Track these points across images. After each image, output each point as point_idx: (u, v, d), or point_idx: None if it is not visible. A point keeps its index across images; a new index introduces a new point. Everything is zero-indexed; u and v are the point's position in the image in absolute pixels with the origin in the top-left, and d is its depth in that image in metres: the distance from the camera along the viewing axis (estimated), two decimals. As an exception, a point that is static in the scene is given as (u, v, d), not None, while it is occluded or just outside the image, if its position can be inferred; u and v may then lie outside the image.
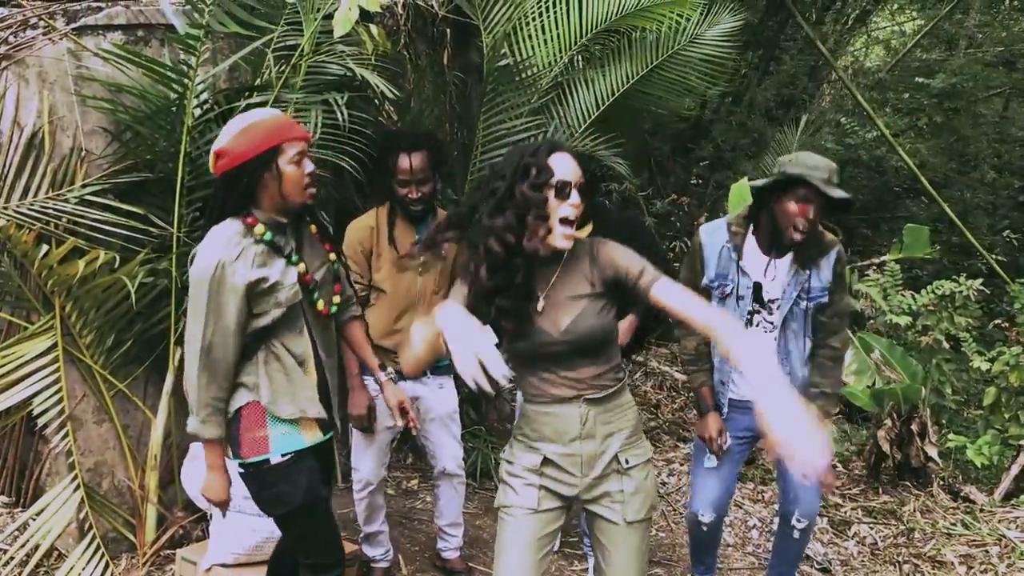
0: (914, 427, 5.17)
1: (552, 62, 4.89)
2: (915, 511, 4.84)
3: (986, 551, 4.34)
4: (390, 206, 3.49)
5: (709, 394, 3.25)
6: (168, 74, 3.51)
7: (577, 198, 2.28)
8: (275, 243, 2.56)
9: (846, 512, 4.85)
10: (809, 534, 3.42)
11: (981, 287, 6.32)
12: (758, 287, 3.15)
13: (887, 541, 4.52)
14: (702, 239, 3.22)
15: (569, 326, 2.33)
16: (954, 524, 4.66)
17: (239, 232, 2.51)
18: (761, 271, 3.14)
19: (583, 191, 2.31)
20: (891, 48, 12.05)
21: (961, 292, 6.22)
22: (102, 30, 3.58)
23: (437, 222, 2.95)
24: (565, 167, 2.29)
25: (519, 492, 2.42)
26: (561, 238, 2.29)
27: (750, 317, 3.17)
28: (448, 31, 4.89)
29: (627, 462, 2.42)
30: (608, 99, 5.03)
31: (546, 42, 4.86)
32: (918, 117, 10.82)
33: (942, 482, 5.23)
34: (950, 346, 6.24)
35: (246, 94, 3.74)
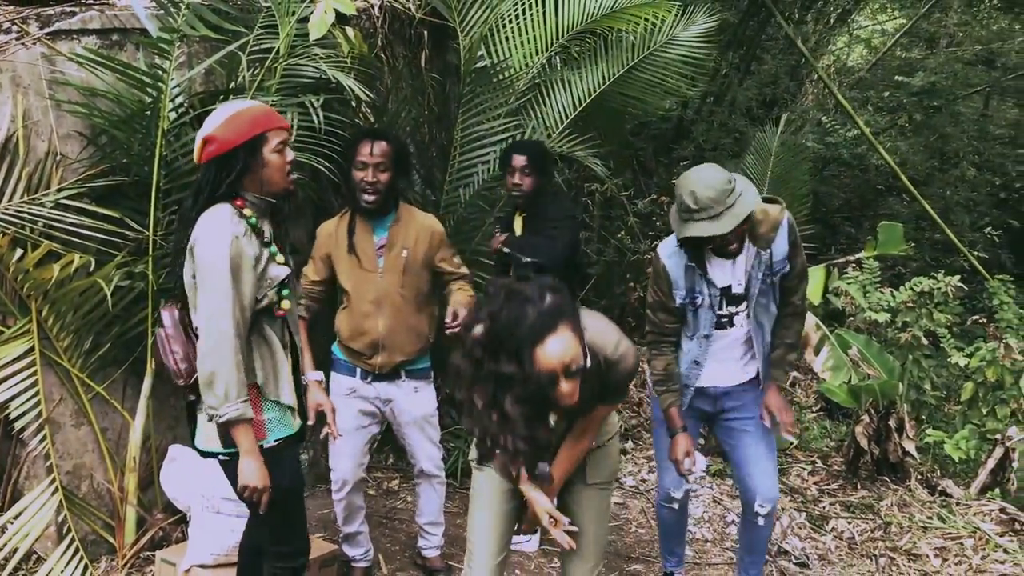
0: (892, 423, 5.21)
1: (529, 63, 4.93)
2: (892, 505, 4.88)
3: (961, 544, 4.39)
4: (351, 209, 3.49)
5: (677, 415, 3.31)
6: (143, 78, 3.53)
7: (567, 385, 2.15)
8: (259, 227, 2.62)
9: (824, 507, 4.89)
10: (772, 520, 3.49)
11: (960, 283, 6.38)
12: (727, 291, 3.22)
13: (864, 535, 4.56)
14: (664, 263, 3.23)
15: (568, 413, 2.43)
16: (930, 518, 4.70)
17: (233, 213, 2.56)
18: (727, 273, 3.21)
19: (579, 371, 2.17)
20: (872, 47, 12.12)
21: (940, 289, 6.28)
22: (76, 34, 3.59)
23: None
24: (554, 355, 2.11)
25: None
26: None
27: (728, 320, 3.26)
28: (425, 33, 4.91)
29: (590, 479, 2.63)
30: (586, 100, 5.06)
31: (523, 43, 4.90)
32: (899, 115, 10.90)
33: (920, 477, 5.28)
34: (929, 342, 6.30)
35: (221, 97, 3.76)
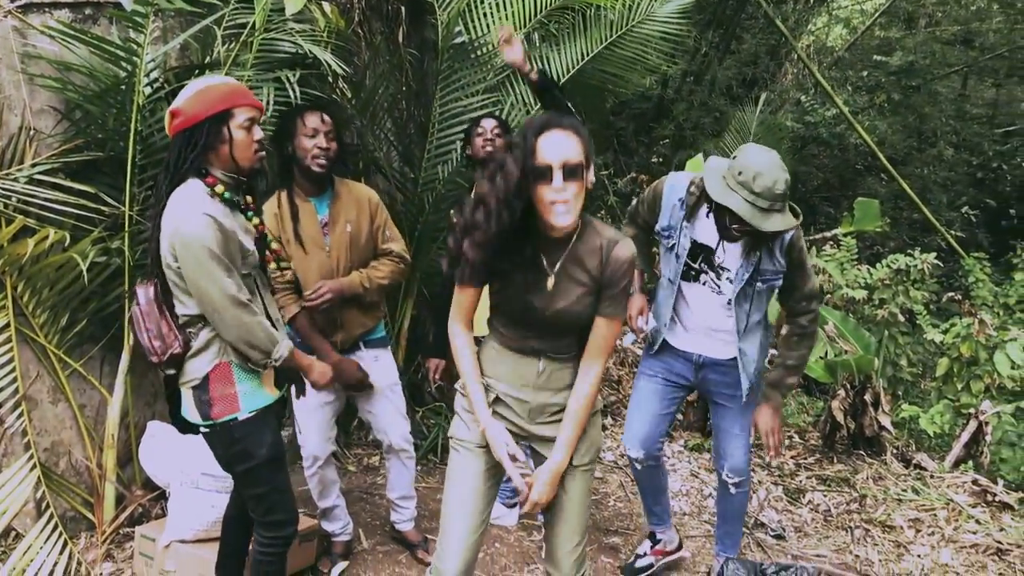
0: (867, 397, 5.28)
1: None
2: (868, 479, 4.95)
3: (934, 515, 4.46)
4: (288, 191, 3.41)
5: (640, 278, 3.40)
6: (117, 52, 3.49)
7: (560, 181, 2.21)
8: (234, 200, 2.64)
9: (800, 481, 4.95)
10: (745, 492, 3.53)
11: (936, 261, 6.45)
12: (705, 249, 3.19)
13: (840, 508, 4.63)
14: (664, 189, 3.26)
15: (561, 308, 2.40)
16: (905, 490, 4.77)
17: (205, 191, 2.57)
18: (712, 241, 3.18)
19: (576, 170, 2.23)
20: (851, 27, 12.16)
21: (916, 266, 6.34)
22: (48, 8, 3.55)
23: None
24: (553, 148, 2.23)
25: (470, 427, 2.56)
26: (555, 218, 2.25)
27: (696, 275, 3.23)
28: (402, 8, 4.89)
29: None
30: (564, 76, 5.07)
31: (501, 19, 4.89)
32: (877, 95, 10.96)
33: (895, 451, 5.35)
34: (906, 319, 6.37)
35: (196, 72, 3.73)
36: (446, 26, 4.65)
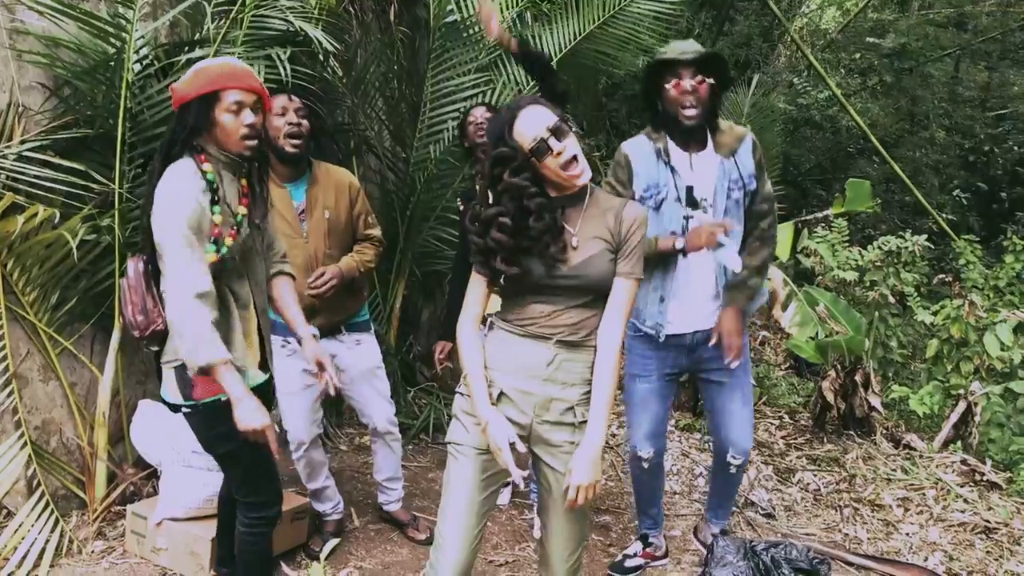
0: (858, 378, 5.31)
1: (500, 18, 4.88)
2: (857, 459, 4.98)
3: (923, 494, 4.50)
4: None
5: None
6: (106, 28, 3.47)
7: (559, 144, 2.27)
8: (214, 185, 2.58)
9: (791, 460, 4.97)
10: (743, 470, 3.57)
11: (927, 243, 6.46)
12: (689, 189, 3.17)
13: (829, 487, 4.66)
14: (626, 152, 3.24)
15: (581, 264, 2.35)
16: (894, 470, 4.80)
17: (193, 169, 2.56)
18: (687, 169, 3.18)
19: (563, 128, 2.29)
20: (844, 9, 12.13)
21: (907, 248, 6.35)
22: (36, -17, 3.52)
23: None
24: (531, 124, 2.28)
25: (468, 431, 2.43)
26: (578, 179, 2.32)
27: (686, 222, 3.17)
28: (394, -14, 4.87)
29: (582, 415, 2.39)
30: (557, 56, 5.05)
31: (493, -2, 4.86)
32: (870, 77, 10.95)
33: (885, 431, 5.39)
34: (896, 301, 6.39)
35: (186, 49, 3.71)
36: (438, 4, 4.63)
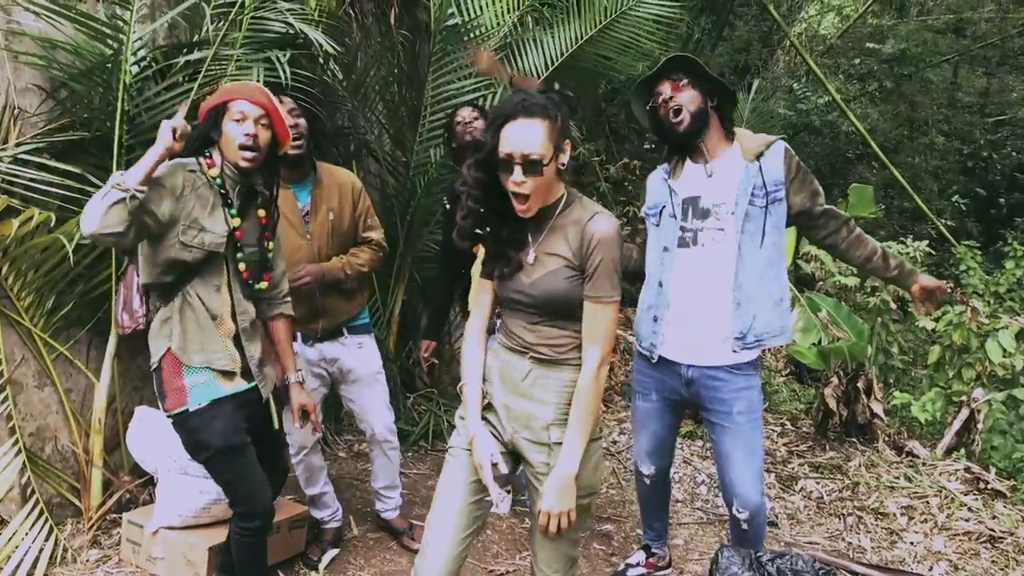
0: (860, 385, 5.27)
1: (500, 22, 4.86)
2: (860, 466, 4.94)
3: (926, 502, 4.45)
4: None
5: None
6: (103, 29, 3.43)
7: (520, 175, 2.18)
8: (223, 189, 2.69)
9: (793, 468, 4.93)
10: (760, 525, 3.11)
11: (928, 249, 6.44)
12: (694, 201, 3.04)
13: (832, 495, 4.61)
14: (648, 179, 3.25)
15: (537, 280, 2.31)
16: (897, 478, 4.76)
17: (196, 165, 2.68)
18: (703, 178, 3.05)
19: (536, 165, 2.18)
20: (843, 15, 12.13)
21: (909, 254, 6.33)
22: (33, -17, 3.47)
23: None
24: (513, 140, 2.19)
25: (462, 434, 2.45)
26: (515, 206, 2.25)
27: (693, 237, 3.02)
28: (394, -11, 4.83)
29: (558, 437, 2.33)
30: (558, 60, 5.01)
31: (494, 1, 4.83)
32: (869, 83, 10.94)
33: (887, 438, 5.34)
34: (897, 307, 6.36)
35: (185, 51, 3.67)
36: (439, 7, 4.58)
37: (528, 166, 2.18)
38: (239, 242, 2.73)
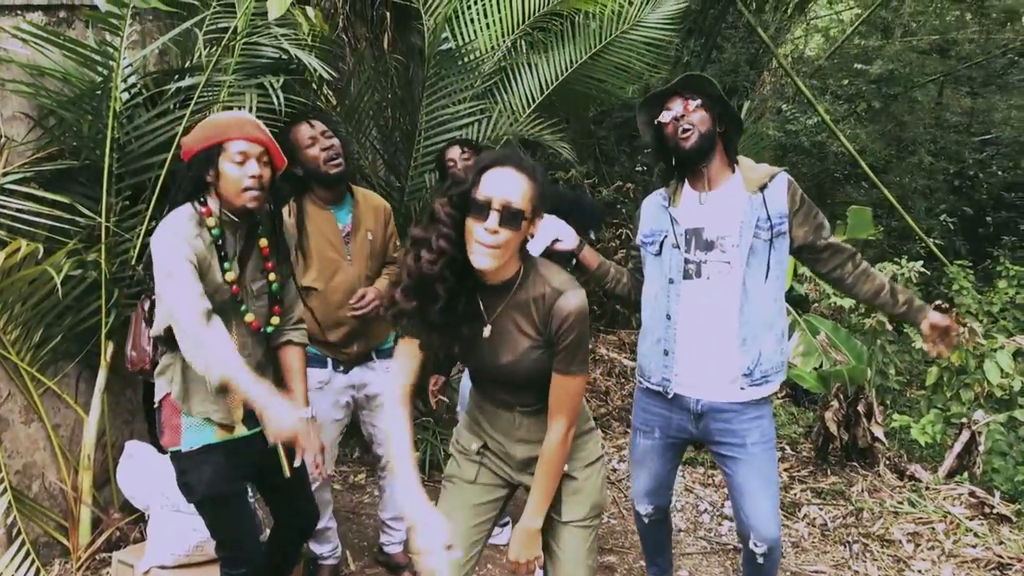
0: (860, 408, 5.21)
1: (495, 46, 4.83)
2: (863, 491, 4.87)
3: (932, 528, 4.39)
4: (298, 204, 3.25)
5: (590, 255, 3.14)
6: (92, 56, 3.35)
7: (495, 223, 2.02)
8: (218, 240, 2.54)
9: (795, 494, 4.86)
10: (776, 559, 3.01)
11: (922, 269, 6.42)
12: (697, 232, 2.93)
13: (836, 521, 4.54)
14: (642, 204, 3.15)
15: (509, 363, 2.22)
16: (901, 503, 4.70)
17: (192, 217, 2.52)
18: (698, 208, 2.94)
19: (516, 217, 2.04)
20: (830, 36, 12.21)
21: (903, 274, 6.30)
22: (20, 10, 3.40)
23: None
24: (496, 185, 2.05)
25: (461, 465, 2.49)
26: (475, 257, 2.06)
27: (696, 269, 2.92)
28: (388, 14, 4.79)
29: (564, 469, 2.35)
30: (552, 84, 4.98)
31: (488, 25, 4.80)
32: (857, 103, 10.98)
33: (888, 462, 5.28)
34: (892, 328, 6.32)
35: (176, 77, 3.60)
36: (432, 32, 4.53)
37: (507, 216, 2.03)
38: (236, 295, 2.58)
